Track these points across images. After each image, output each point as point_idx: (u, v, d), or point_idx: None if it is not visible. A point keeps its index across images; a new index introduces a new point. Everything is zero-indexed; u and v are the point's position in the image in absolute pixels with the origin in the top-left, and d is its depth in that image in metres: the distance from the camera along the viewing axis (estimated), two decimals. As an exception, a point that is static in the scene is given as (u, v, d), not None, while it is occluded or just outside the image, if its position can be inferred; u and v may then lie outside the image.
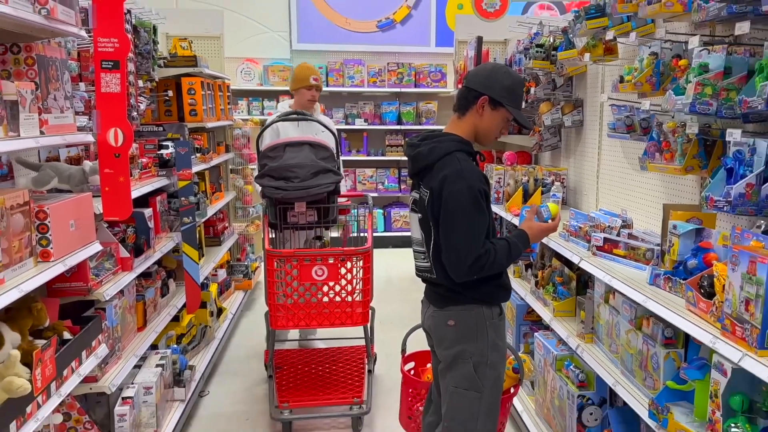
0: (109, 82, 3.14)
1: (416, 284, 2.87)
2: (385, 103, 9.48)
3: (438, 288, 2.79)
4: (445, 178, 2.61)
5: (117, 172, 3.21)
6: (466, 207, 2.59)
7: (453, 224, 2.61)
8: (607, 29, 3.81)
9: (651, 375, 2.82)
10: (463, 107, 2.75)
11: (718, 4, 2.57)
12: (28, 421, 2.44)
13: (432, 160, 2.68)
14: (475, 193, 2.60)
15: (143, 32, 4.62)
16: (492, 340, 2.73)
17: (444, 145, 2.69)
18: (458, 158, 2.66)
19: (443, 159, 2.66)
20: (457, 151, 2.68)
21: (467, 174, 2.62)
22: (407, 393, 3.37)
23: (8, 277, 2.47)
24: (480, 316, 2.73)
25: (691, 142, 2.99)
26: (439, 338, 2.83)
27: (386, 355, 5.16)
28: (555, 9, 9.61)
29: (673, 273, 2.79)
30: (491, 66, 2.83)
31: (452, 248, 2.63)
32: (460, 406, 2.74)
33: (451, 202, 2.60)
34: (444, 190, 2.60)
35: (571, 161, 5.27)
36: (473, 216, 2.61)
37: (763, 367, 1.95)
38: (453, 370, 2.75)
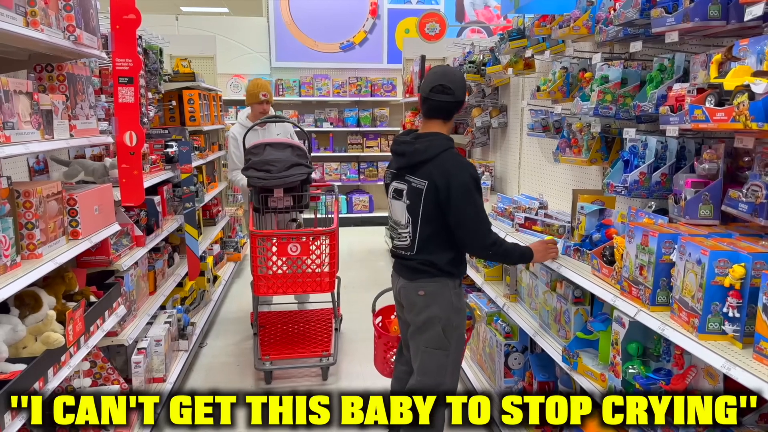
0: (125, 94, 3.03)
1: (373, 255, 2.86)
2: (347, 110, 9.33)
3: (411, 262, 2.66)
4: (449, 172, 2.49)
5: (132, 166, 3.10)
6: (473, 193, 2.50)
7: (466, 209, 2.49)
8: (526, 48, 3.78)
9: (564, 327, 2.78)
10: (448, 114, 2.62)
11: (616, 27, 2.56)
12: (62, 368, 2.37)
13: (431, 155, 2.53)
14: (476, 180, 2.53)
15: (152, 54, 4.48)
16: (455, 305, 2.66)
17: (440, 143, 2.56)
18: (455, 154, 2.57)
19: (442, 155, 2.52)
20: (451, 148, 2.58)
21: (467, 166, 2.55)
22: (380, 344, 3.24)
23: (45, 252, 2.38)
24: (446, 286, 2.63)
25: (594, 139, 2.96)
26: (410, 305, 2.71)
27: (350, 314, 5.09)
28: (483, 32, 9.57)
29: (581, 245, 2.74)
30: (459, 74, 2.68)
31: (471, 231, 2.52)
32: (431, 362, 2.66)
33: (461, 191, 2.47)
34: (452, 182, 2.47)
35: (497, 155, 5.25)
36: (479, 199, 2.53)
37: (653, 320, 1.95)
38: (424, 333, 2.66)
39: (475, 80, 5.00)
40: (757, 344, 1.59)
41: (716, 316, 1.73)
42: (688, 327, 1.81)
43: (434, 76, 2.61)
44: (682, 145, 2.38)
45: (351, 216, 9.31)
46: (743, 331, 1.68)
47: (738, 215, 1.92)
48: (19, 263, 2.21)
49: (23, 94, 2.23)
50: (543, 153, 4.14)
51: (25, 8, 2.22)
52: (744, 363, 1.58)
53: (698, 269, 1.76)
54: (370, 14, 9.50)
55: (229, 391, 2.06)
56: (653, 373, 2.05)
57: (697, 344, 1.73)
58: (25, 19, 2.21)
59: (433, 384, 2.66)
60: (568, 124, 3.26)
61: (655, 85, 2.42)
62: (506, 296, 3.47)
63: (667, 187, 2.36)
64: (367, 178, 9.44)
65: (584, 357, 2.49)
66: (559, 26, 3.12)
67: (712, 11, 2.00)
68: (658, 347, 2.11)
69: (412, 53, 7.17)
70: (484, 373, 3.70)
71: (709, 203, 2.08)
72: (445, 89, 2.56)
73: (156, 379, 3.60)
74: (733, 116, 1.71)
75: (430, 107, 2.61)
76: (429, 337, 2.65)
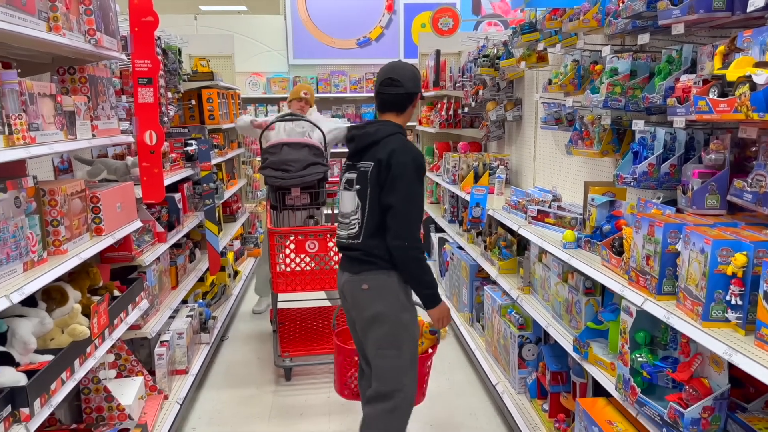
0: (144, 94, 3.11)
1: None
2: (364, 105, 9.40)
3: (355, 253, 2.55)
4: (394, 151, 2.46)
5: (152, 165, 3.19)
6: (411, 177, 2.45)
7: (398, 190, 2.43)
8: (539, 42, 3.79)
9: (575, 318, 2.79)
10: (401, 107, 2.61)
11: (624, 20, 2.57)
12: (88, 359, 2.46)
13: (379, 137, 2.52)
14: (418, 165, 2.47)
15: (171, 54, 4.57)
16: (403, 302, 2.53)
17: (389, 128, 2.56)
18: (403, 139, 2.56)
19: (390, 137, 2.52)
20: (401, 134, 2.57)
21: (412, 149, 2.51)
22: (339, 361, 3.03)
23: (70, 248, 2.47)
24: (392, 280, 2.50)
25: (606, 131, 2.96)
26: (354, 302, 2.59)
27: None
28: (500, 25, 9.54)
29: (592, 236, 2.76)
30: (409, 67, 2.66)
31: (397, 216, 2.44)
32: (384, 365, 2.54)
33: (398, 170, 2.43)
34: (392, 160, 2.44)
35: (513, 149, 5.26)
36: (416, 188, 2.47)
37: (659, 308, 1.96)
38: (372, 332, 2.54)
39: (489, 74, 5.01)
40: (758, 331, 1.62)
41: (719, 304, 1.76)
42: (692, 315, 1.84)
43: (384, 70, 2.66)
44: (691, 136, 2.39)
45: (369, 211, 9.37)
46: (746, 318, 1.70)
47: (743, 204, 1.94)
48: (45, 259, 2.31)
49: (47, 97, 2.32)
50: (557, 146, 4.14)
51: (47, 14, 2.31)
52: (745, 349, 1.61)
53: (702, 258, 1.79)
54: (386, 9, 9.53)
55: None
56: (660, 361, 2.08)
57: (701, 332, 1.75)
58: (47, 24, 2.30)
59: (390, 390, 2.54)
60: (580, 116, 3.27)
61: (663, 77, 2.43)
62: (520, 288, 3.49)
63: (676, 178, 2.37)
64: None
65: (595, 347, 2.52)
66: (570, 19, 3.13)
67: (716, 2, 2.01)
68: (665, 336, 2.13)
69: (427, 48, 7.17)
70: (499, 364, 3.73)
71: (716, 193, 2.09)
72: (393, 82, 2.58)
73: (178, 371, 3.70)
74: (735, 107, 1.73)
75: (382, 101, 2.64)
76: (378, 336, 2.53)
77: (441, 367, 4.24)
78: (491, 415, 3.58)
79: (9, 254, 2.06)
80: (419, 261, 2.48)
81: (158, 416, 3.17)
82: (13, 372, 2.02)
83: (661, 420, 1.94)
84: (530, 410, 3.23)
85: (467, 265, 4.47)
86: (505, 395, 3.42)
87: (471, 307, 4.47)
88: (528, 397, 3.35)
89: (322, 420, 3.58)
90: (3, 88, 1.99)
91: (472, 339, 4.25)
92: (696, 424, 1.82)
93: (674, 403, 1.88)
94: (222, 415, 3.67)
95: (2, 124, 1.97)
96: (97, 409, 2.86)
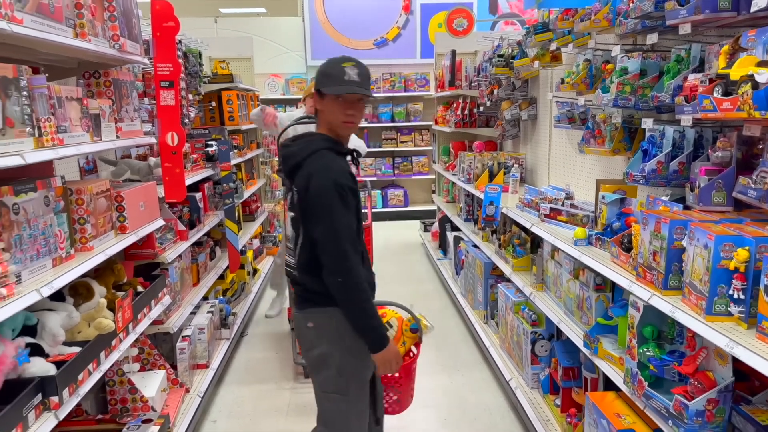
0: (166, 97, 3.22)
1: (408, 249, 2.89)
2: (381, 105, 9.48)
3: (298, 288, 2.27)
4: (311, 175, 2.12)
5: (174, 165, 3.30)
6: (331, 201, 2.08)
7: (318, 219, 2.11)
8: (552, 41, 3.83)
9: (586, 314, 2.82)
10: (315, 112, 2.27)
11: (634, 20, 2.61)
12: (113, 352, 2.55)
13: (302, 158, 2.17)
14: (340, 186, 2.09)
15: (191, 57, 4.68)
16: (349, 344, 2.20)
17: (313, 144, 2.19)
18: (324, 155, 2.16)
19: (311, 156, 2.15)
20: (325, 149, 2.17)
21: (332, 170, 2.12)
22: None
23: (96, 245, 2.56)
24: (339, 319, 2.16)
25: (617, 129, 2.98)
26: (301, 340, 2.37)
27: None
28: (517, 24, 9.56)
29: (602, 233, 2.79)
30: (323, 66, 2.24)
31: (322, 246, 2.11)
32: (330, 409, 2.28)
33: (315, 196, 2.10)
34: (310, 186, 2.11)
35: (528, 147, 5.28)
36: (338, 210, 2.09)
37: (665, 303, 2.00)
38: (317, 374, 2.28)
39: (504, 73, 5.05)
40: (759, 324, 1.66)
41: (722, 298, 1.79)
42: (696, 309, 1.88)
43: None
44: (700, 134, 2.42)
45: (386, 210, 9.46)
46: (748, 312, 1.74)
47: (748, 201, 1.97)
48: (73, 255, 2.41)
49: (74, 100, 2.42)
50: (571, 144, 4.16)
51: (74, 21, 2.41)
52: (747, 342, 1.65)
53: (705, 253, 1.82)
54: (403, 10, 9.60)
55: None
56: (667, 355, 2.11)
57: (704, 325, 1.79)
58: (74, 31, 2.41)
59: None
60: (592, 115, 3.30)
61: (672, 76, 2.47)
62: (533, 285, 3.53)
63: (684, 175, 2.40)
64: (402, 173, 9.57)
65: (604, 342, 2.55)
66: (581, 19, 3.17)
67: (722, 3, 2.05)
68: (672, 330, 2.16)
69: (443, 48, 7.23)
70: (513, 360, 3.78)
71: (722, 190, 2.13)
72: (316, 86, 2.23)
73: (199, 366, 3.81)
74: (738, 105, 1.77)
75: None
76: (323, 379, 2.27)
77: (455, 364, 4.30)
78: (505, 411, 3.63)
79: (39, 250, 2.16)
80: (358, 300, 2.12)
81: (180, 408, 3.27)
82: (43, 362, 2.13)
83: (667, 412, 1.98)
84: (543, 405, 3.27)
85: (482, 263, 4.51)
86: (519, 391, 3.47)
87: (485, 305, 4.52)
88: (541, 393, 3.39)
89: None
90: (33, 92, 2.09)
91: (487, 336, 4.29)
92: (701, 416, 1.86)
93: (680, 396, 1.92)
94: (241, 408, 3.76)
95: (32, 127, 2.07)
96: (122, 400, 2.97)
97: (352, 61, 2.21)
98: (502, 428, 3.45)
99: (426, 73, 9.32)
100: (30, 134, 2.04)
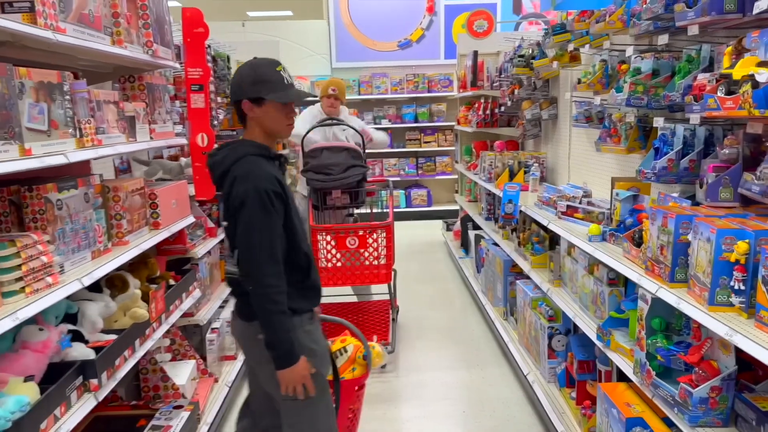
0: (196, 100, 3.38)
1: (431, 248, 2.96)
2: (404, 106, 9.59)
3: (245, 298, 2.12)
4: (235, 180, 2.06)
5: (204, 165, 3.44)
6: (252, 209, 2.02)
7: (239, 227, 2.04)
8: (570, 42, 3.89)
9: (600, 308, 2.87)
10: (241, 119, 2.19)
11: (647, 21, 2.68)
12: (147, 340, 2.71)
13: (227, 166, 2.11)
14: (261, 194, 2.01)
15: (220, 61, 4.83)
16: (307, 347, 2.14)
17: (240, 150, 2.13)
18: (250, 161, 2.09)
19: (236, 163, 2.09)
20: (252, 155, 2.11)
21: (256, 175, 2.04)
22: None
23: (131, 239, 2.72)
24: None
25: (632, 128, 3.04)
26: (250, 353, 2.30)
27: (406, 305, 5.28)
28: (541, 24, 9.56)
29: (616, 230, 2.86)
30: (243, 68, 2.19)
31: (242, 256, 2.06)
32: (296, 414, 2.20)
33: (236, 203, 2.04)
34: (232, 192, 2.05)
35: (549, 147, 5.32)
36: (260, 219, 2.02)
37: (672, 295, 2.07)
38: (276, 387, 2.14)
39: (525, 74, 5.11)
40: (758, 313, 1.73)
41: (724, 289, 1.87)
42: (700, 300, 1.95)
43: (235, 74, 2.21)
44: (711, 132, 2.48)
45: (410, 210, 9.55)
46: (748, 302, 1.81)
47: (752, 197, 2.03)
48: (110, 249, 2.57)
49: (111, 103, 2.58)
50: (590, 143, 4.18)
51: (111, 29, 2.58)
52: (745, 330, 1.72)
53: (708, 246, 1.90)
54: (427, 11, 9.70)
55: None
56: (675, 345, 2.18)
57: (706, 315, 1.87)
58: (112, 38, 2.57)
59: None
60: (608, 114, 3.36)
61: (682, 76, 2.53)
62: (550, 282, 3.59)
63: (695, 173, 2.46)
64: (425, 173, 9.66)
65: (616, 335, 2.62)
66: (597, 21, 3.23)
67: (728, 5, 2.11)
68: (679, 322, 2.23)
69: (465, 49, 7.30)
70: (530, 355, 3.85)
71: (729, 186, 2.19)
72: (234, 89, 2.17)
73: (228, 357, 3.96)
74: (740, 104, 1.84)
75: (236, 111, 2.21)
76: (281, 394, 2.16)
77: (475, 360, 4.38)
78: (522, 404, 3.71)
79: (80, 243, 2.32)
80: (267, 312, 2.04)
81: (209, 397, 3.42)
82: (83, 347, 2.29)
83: (673, 400, 2.05)
84: (559, 398, 3.34)
85: (501, 261, 4.59)
86: (536, 384, 3.55)
87: (505, 302, 4.60)
88: (557, 386, 3.46)
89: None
90: (75, 96, 2.26)
91: (506, 332, 4.37)
92: (704, 403, 1.94)
93: (685, 384, 2.00)
94: (267, 399, 3.90)
95: (74, 128, 2.23)
96: (154, 388, 3.13)
97: (280, 63, 2.19)
98: (519, 420, 3.53)
99: (449, 74, 9.39)
100: (72, 135, 2.21)
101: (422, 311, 5.41)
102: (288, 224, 2.12)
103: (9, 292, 1.87)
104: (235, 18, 10.32)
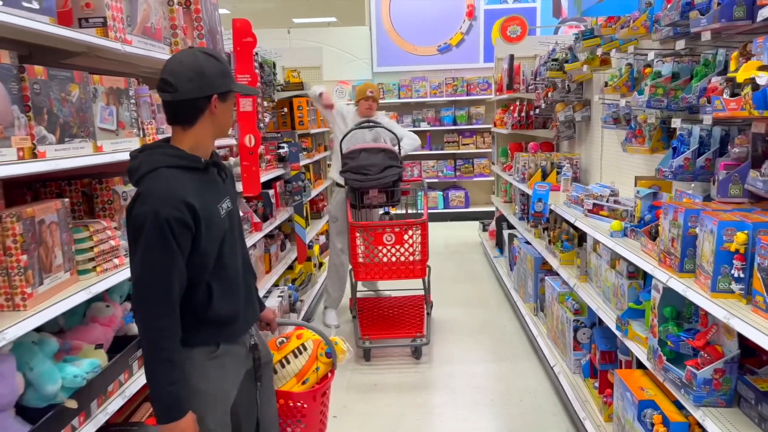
0: (245, 104, 3.64)
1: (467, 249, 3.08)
2: (443, 109, 9.76)
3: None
4: (137, 197, 1.76)
5: (251, 164, 3.73)
6: (145, 235, 1.70)
7: (137, 256, 1.73)
8: (599, 47, 4.01)
9: (620, 300, 2.99)
10: (188, 119, 1.83)
11: (666, 27, 2.81)
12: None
13: (138, 177, 1.80)
14: (162, 224, 1.69)
15: (266, 67, 5.12)
16: (193, 386, 1.84)
17: (154, 159, 1.80)
18: (159, 177, 1.76)
19: (147, 176, 1.78)
20: (166, 166, 1.78)
21: (158, 197, 1.72)
22: None
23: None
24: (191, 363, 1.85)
25: (655, 129, 3.18)
26: None
27: (441, 302, 5.46)
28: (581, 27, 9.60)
29: (636, 226, 2.98)
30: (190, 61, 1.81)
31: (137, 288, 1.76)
32: None
33: (130, 227, 1.76)
34: (132, 211, 1.75)
35: (582, 148, 5.42)
36: (159, 254, 1.71)
37: (681, 285, 2.20)
38: None
39: (558, 77, 5.24)
40: (754, 298, 1.86)
41: (725, 277, 2.00)
42: (704, 288, 2.08)
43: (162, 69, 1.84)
44: (727, 132, 2.60)
45: (447, 211, 9.71)
46: (747, 289, 1.94)
47: (757, 192, 2.15)
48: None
49: (169, 107, 2.86)
50: (620, 144, 4.31)
51: (170, 39, 2.86)
52: (742, 314, 1.85)
53: (711, 237, 2.03)
54: (466, 16, 9.84)
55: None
56: (684, 332, 2.31)
57: (708, 301, 2.00)
58: (170, 48, 2.85)
59: None
60: (634, 116, 3.48)
61: (698, 79, 2.64)
62: (577, 277, 3.72)
63: (710, 171, 2.57)
64: (463, 175, 9.80)
65: (634, 325, 2.75)
66: (621, 27, 3.37)
67: (737, 12, 2.24)
68: (689, 310, 2.36)
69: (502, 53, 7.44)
70: (557, 347, 3.99)
71: (738, 183, 2.31)
72: (166, 85, 1.80)
73: (270, 344, 4.21)
74: (742, 105, 1.97)
75: (164, 111, 1.90)
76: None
77: (506, 353, 4.53)
78: (549, 394, 3.85)
79: (141, 231, 2.60)
80: (149, 358, 1.75)
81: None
82: (143, 324, 2.56)
83: (680, 382, 2.19)
84: (583, 388, 3.47)
85: (532, 258, 4.72)
86: (561, 375, 3.68)
87: (535, 298, 4.73)
88: (581, 377, 3.59)
89: (392, 394, 3.98)
90: (139, 100, 2.54)
91: (536, 327, 4.50)
92: (708, 384, 2.07)
93: (691, 367, 2.13)
94: (306, 384, 4.13)
95: (138, 129, 2.50)
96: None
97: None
98: (545, 408, 3.68)
99: (488, 77, 9.52)
100: (136, 135, 2.48)
101: (457, 308, 5.58)
102: (194, 257, 1.80)
103: (83, 270, 2.15)
104: (281, 25, 10.66)
